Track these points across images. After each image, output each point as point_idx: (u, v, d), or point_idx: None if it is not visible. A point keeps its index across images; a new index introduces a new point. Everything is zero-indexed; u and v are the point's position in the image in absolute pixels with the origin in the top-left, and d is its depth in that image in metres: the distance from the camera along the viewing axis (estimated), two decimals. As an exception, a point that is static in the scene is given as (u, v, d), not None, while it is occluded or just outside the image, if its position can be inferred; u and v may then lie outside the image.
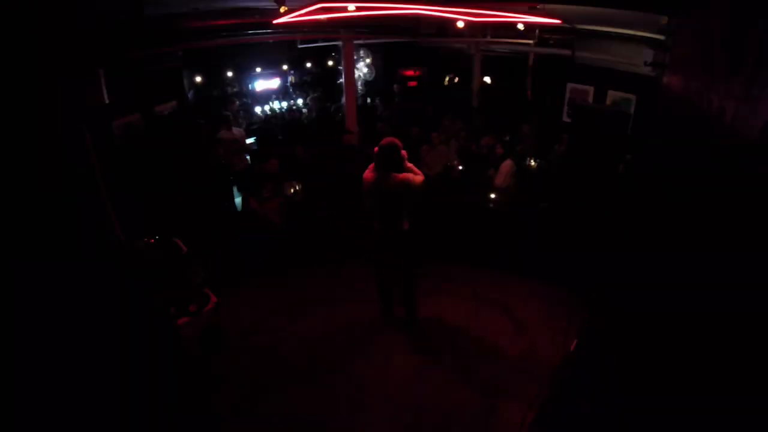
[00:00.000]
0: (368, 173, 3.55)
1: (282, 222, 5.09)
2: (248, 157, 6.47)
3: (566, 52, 6.67)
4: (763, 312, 1.13)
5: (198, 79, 8.79)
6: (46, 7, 1.53)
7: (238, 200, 6.05)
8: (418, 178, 3.53)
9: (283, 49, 9.96)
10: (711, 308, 1.43)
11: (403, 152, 3.53)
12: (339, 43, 6.64)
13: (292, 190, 5.05)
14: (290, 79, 10.73)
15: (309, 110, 8.75)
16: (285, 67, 10.50)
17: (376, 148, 3.49)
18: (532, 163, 6.07)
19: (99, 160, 1.84)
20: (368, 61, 10.08)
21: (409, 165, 3.60)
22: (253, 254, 5.35)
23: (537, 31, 6.38)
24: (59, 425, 1.40)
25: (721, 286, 1.43)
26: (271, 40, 7.78)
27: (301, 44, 6.75)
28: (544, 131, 7.18)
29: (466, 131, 6.99)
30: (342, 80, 6.96)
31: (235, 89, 9.59)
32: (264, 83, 10.12)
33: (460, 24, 4.98)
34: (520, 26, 5.83)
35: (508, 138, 6.91)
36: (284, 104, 9.83)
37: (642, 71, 5.31)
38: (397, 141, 3.50)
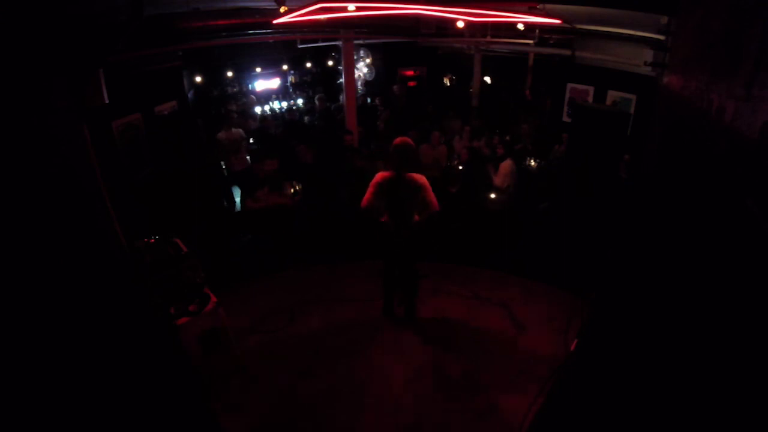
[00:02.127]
0: (381, 174, 3.69)
1: (281, 221, 5.10)
2: (248, 158, 6.48)
3: (566, 52, 6.67)
4: (762, 312, 1.14)
5: (198, 79, 8.80)
6: (44, 8, 1.53)
7: (239, 200, 6.05)
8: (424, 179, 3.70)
9: (283, 49, 9.96)
10: (710, 308, 1.43)
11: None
12: (339, 43, 6.63)
13: (292, 190, 5.05)
14: (290, 79, 10.74)
15: (312, 111, 8.77)
16: (285, 67, 10.51)
17: (392, 147, 3.67)
18: (532, 163, 6.08)
19: (99, 160, 1.84)
20: (368, 61, 10.08)
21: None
22: (252, 254, 5.36)
23: (537, 31, 6.37)
24: (59, 425, 1.40)
25: (720, 286, 1.43)
26: (271, 40, 7.78)
27: (301, 44, 6.74)
28: (543, 131, 7.19)
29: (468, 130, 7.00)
30: (342, 80, 6.95)
31: (235, 89, 9.60)
32: (264, 83, 10.13)
33: (460, 24, 4.97)
34: (520, 26, 5.82)
35: (508, 138, 6.92)
36: (284, 104, 9.84)
37: (642, 71, 5.31)
38: (409, 140, 3.72)
